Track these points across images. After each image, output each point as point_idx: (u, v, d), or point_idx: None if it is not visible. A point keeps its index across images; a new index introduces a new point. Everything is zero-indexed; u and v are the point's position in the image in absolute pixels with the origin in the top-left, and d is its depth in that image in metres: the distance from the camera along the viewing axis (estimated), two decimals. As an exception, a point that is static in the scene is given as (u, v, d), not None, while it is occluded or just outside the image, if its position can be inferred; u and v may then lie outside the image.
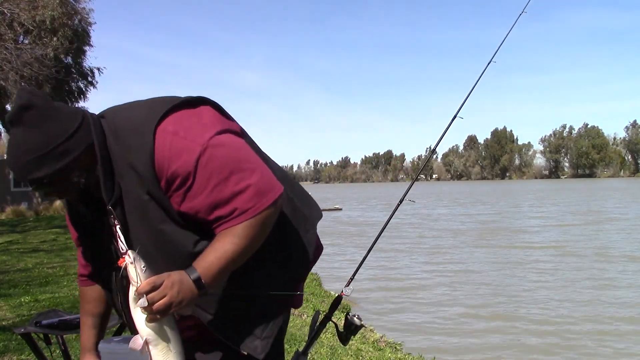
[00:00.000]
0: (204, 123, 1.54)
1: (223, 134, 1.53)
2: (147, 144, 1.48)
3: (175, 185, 1.48)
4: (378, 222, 22.96)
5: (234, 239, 1.49)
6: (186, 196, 1.49)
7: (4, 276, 8.92)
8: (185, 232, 1.54)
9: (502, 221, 25.69)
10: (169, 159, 1.47)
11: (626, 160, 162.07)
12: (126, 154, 1.50)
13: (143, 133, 1.49)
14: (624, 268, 12.38)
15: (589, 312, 8.73)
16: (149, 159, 1.47)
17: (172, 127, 1.50)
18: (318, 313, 2.04)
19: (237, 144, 1.56)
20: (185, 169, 1.47)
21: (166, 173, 1.48)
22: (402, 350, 6.14)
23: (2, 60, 17.19)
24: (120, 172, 1.52)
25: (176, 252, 1.53)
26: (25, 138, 1.45)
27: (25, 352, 4.56)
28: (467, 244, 17.34)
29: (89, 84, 27.26)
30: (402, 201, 2.47)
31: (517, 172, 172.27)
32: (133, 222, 1.54)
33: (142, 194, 1.51)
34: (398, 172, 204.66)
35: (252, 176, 1.50)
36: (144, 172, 1.48)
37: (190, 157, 1.47)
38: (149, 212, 1.52)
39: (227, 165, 1.49)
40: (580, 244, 16.61)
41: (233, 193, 1.48)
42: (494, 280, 11.49)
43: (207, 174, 1.47)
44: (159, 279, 1.40)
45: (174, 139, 1.49)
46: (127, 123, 1.54)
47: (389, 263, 13.72)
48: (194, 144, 1.48)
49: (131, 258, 1.39)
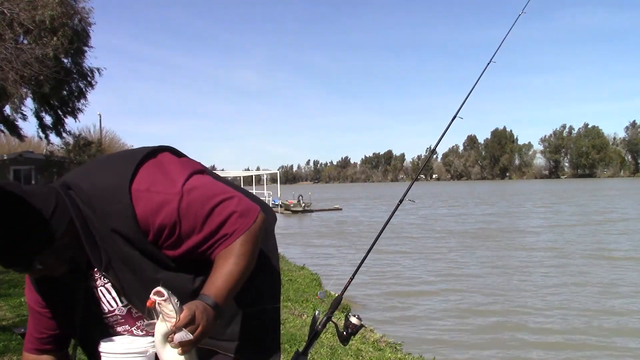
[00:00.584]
0: (170, 173, 1.61)
1: (191, 177, 1.62)
2: (127, 208, 1.53)
3: (164, 235, 1.56)
4: (378, 223, 22.97)
5: (233, 259, 1.56)
6: (177, 244, 1.57)
7: (4, 276, 8.93)
8: (180, 275, 1.61)
9: (504, 222, 25.70)
10: (151, 215, 1.53)
11: (626, 160, 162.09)
12: (107, 220, 1.54)
13: (118, 198, 1.54)
14: (627, 271, 12.38)
15: (593, 320, 8.73)
16: (132, 221, 1.53)
17: (145, 185, 1.56)
18: (318, 313, 2.04)
19: (206, 182, 1.65)
20: (170, 219, 1.54)
21: (152, 227, 1.54)
22: (402, 350, 6.14)
23: (2, 60, 17.19)
24: (103, 237, 1.56)
25: (177, 294, 1.55)
26: (7, 236, 1.41)
27: (25, 352, 4.56)
28: (468, 245, 17.34)
29: (89, 85, 27.27)
30: (402, 201, 2.47)
31: (517, 172, 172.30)
32: (127, 280, 1.60)
33: (132, 252, 1.56)
34: (398, 172, 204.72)
35: (230, 204, 1.60)
36: (129, 233, 1.54)
37: (170, 208, 1.54)
38: (141, 267, 1.58)
39: (206, 203, 1.57)
40: (582, 245, 16.61)
41: (220, 223, 1.57)
42: (494, 281, 11.50)
43: (191, 217, 1.55)
44: (191, 310, 1.42)
45: (150, 196, 1.55)
46: (97, 191, 1.56)
47: (389, 263, 13.73)
48: (169, 195, 1.55)
49: (165, 295, 1.39)
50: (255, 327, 1.77)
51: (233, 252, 1.57)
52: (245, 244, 1.58)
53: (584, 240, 17.49)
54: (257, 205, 1.67)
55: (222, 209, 1.58)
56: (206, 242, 1.58)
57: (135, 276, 1.59)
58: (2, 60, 17.15)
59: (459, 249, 16.45)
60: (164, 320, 1.39)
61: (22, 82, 18.30)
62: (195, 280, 1.62)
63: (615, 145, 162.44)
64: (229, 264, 1.56)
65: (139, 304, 1.61)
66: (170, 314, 1.38)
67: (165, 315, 1.39)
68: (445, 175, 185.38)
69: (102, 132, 45.55)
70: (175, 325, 1.38)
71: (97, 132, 44.09)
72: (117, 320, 1.68)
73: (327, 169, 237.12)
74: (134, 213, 1.52)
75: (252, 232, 1.60)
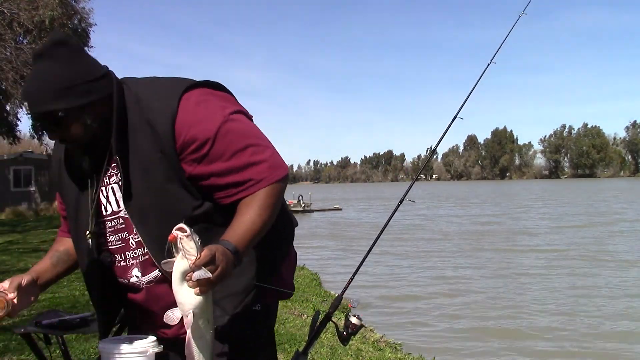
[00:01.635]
0: (222, 101, 1.64)
1: (239, 113, 1.65)
2: (170, 107, 1.55)
3: (191, 149, 1.55)
4: (379, 223, 22.96)
5: (257, 209, 1.55)
6: (202, 160, 1.55)
7: (4, 276, 8.89)
8: (187, 195, 1.58)
9: (505, 223, 25.69)
10: (189, 124, 1.54)
11: (626, 160, 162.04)
12: (146, 113, 1.57)
13: (167, 98, 1.57)
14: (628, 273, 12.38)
15: (598, 324, 8.72)
16: (169, 121, 1.54)
17: (196, 98, 1.59)
18: (318, 313, 2.04)
19: (252, 125, 1.68)
20: (204, 135, 1.54)
21: (184, 136, 1.54)
22: (402, 350, 6.14)
23: (2, 60, 17.18)
24: (135, 127, 1.57)
25: (173, 213, 1.55)
26: (52, 70, 1.50)
27: (25, 352, 4.56)
28: (469, 246, 17.34)
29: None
30: (402, 201, 2.47)
31: (517, 172, 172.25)
32: (135, 178, 1.58)
33: (155, 151, 1.56)
34: (398, 172, 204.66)
35: (265, 152, 1.60)
36: (162, 131, 1.54)
37: (211, 125, 1.55)
38: (156, 170, 1.56)
39: (244, 138, 1.59)
40: (586, 247, 16.60)
41: (248, 163, 1.57)
42: (495, 282, 11.50)
43: (225, 143, 1.56)
44: (212, 250, 1.38)
45: (197, 108, 1.57)
46: (150, 90, 1.62)
47: (389, 264, 13.72)
48: (215, 115, 1.58)
49: (188, 231, 1.36)
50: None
51: (257, 202, 1.56)
52: (270, 197, 1.57)
53: (588, 242, 17.48)
54: (287, 166, 1.66)
55: (256, 151, 1.58)
56: (227, 174, 1.56)
57: (145, 177, 1.57)
58: (2, 60, 17.14)
59: (460, 250, 16.45)
60: (184, 258, 1.36)
61: (22, 82, 18.28)
62: (196, 209, 1.59)
63: (616, 145, 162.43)
64: (252, 213, 1.54)
65: (137, 208, 1.60)
66: (190, 251, 1.35)
67: (186, 252, 1.36)
68: (445, 176, 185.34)
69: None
70: (195, 263, 1.34)
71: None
72: (118, 225, 1.66)
73: (327, 169, 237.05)
74: (174, 115, 1.54)
75: (278, 188, 1.59)
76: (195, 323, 1.42)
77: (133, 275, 1.67)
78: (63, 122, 1.52)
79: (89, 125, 1.54)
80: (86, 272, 1.74)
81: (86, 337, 4.96)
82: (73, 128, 1.53)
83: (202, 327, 1.44)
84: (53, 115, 1.50)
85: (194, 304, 1.40)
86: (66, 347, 2.96)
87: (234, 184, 1.57)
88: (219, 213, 1.62)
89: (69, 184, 1.72)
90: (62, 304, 6.62)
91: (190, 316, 1.40)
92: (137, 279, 1.67)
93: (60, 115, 1.50)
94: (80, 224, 1.71)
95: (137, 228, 1.61)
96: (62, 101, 1.49)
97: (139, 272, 1.66)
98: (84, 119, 1.53)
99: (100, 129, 1.56)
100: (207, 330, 1.46)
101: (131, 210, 1.61)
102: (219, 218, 1.61)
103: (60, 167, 1.75)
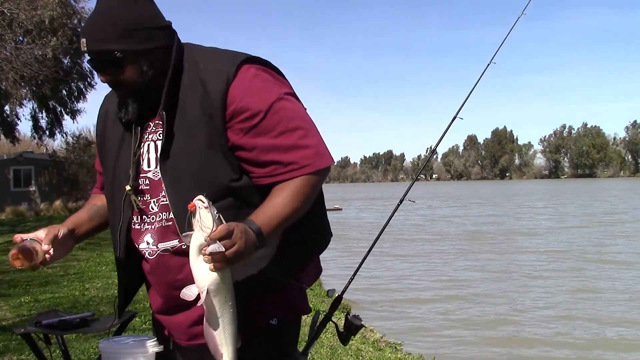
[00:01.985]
0: (279, 81, 1.61)
1: (293, 96, 1.61)
2: (228, 73, 1.52)
3: (241, 117, 1.51)
4: (379, 223, 22.94)
5: (291, 194, 1.49)
6: (250, 131, 1.51)
7: (4, 276, 8.92)
8: (227, 165, 1.53)
9: (507, 224, 25.68)
10: (243, 93, 1.51)
11: (626, 160, 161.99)
12: (201, 73, 1.54)
13: (225, 63, 1.54)
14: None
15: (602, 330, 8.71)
16: (224, 85, 1.51)
17: (254, 71, 1.56)
18: (318, 313, 2.03)
19: (303, 109, 1.64)
20: (257, 107, 1.50)
21: (236, 104, 1.50)
22: (402, 350, 6.14)
23: (2, 60, 17.18)
24: (187, 86, 1.54)
25: (209, 180, 1.50)
26: (118, 9, 1.48)
27: (25, 352, 4.56)
28: (471, 247, 17.34)
29: (89, 85, 27.28)
30: (402, 201, 2.47)
31: (517, 172, 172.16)
32: (177, 138, 1.53)
33: (202, 113, 1.51)
34: (398, 172, 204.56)
35: (313, 138, 1.55)
36: (214, 93, 1.51)
37: (265, 98, 1.52)
38: (199, 133, 1.52)
39: (295, 120, 1.54)
40: (592, 248, 16.59)
41: (295, 145, 1.51)
42: (497, 283, 11.49)
43: (276, 119, 1.51)
44: (230, 226, 1.32)
45: (254, 80, 1.54)
46: (209, 54, 1.60)
47: (389, 264, 13.72)
48: (271, 91, 1.54)
49: (206, 202, 1.32)
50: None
51: (293, 187, 1.49)
52: (307, 186, 1.51)
53: (593, 243, 17.47)
54: (333, 158, 1.62)
55: (304, 134, 1.53)
56: (271, 151, 1.50)
57: (187, 138, 1.52)
58: (2, 60, 17.14)
59: (460, 250, 16.45)
60: (201, 230, 1.32)
61: (21, 83, 18.29)
62: (232, 181, 1.53)
63: (616, 145, 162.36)
64: (286, 197, 1.48)
65: (172, 169, 1.54)
66: (207, 223, 1.31)
67: (203, 225, 1.32)
68: (445, 176, 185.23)
69: (102, 132, 45.53)
70: (210, 236, 1.29)
71: (97, 132, 44.09)
72: (143, 185, 1.60)
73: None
74: (230, 81, 1.51)
75: (317, 179, 1.53)
76: (210, 300, 1.36)
77: (144, 241, 1.60)
78: (119, 64, 1.49)
79: (144, 72, 1.52)
80: (114, 228, 1.67)
81: (86, 337, 4.96)
82: (128, 72, 1.51)
83: (218, 306, 1.38)
84: (111, 55, 1.48)
85: (209, 280, 1.34)
86: (66, 347, 2.96)
87: (277, 163, 1.51)
88: (255, 193, 1.55)
89: (111, 137, 1.69)
90: (62, 304, 6.62)
91: (204, 293, 1.34)
92: (147, 245, 1.60)
93: (118, 57, 1.48)
94: (117, 178, 1.65)
95: (167, 190, 1.55)
96: (123, 42, 1.47)
97: (152, 238, 1.59)
98: (141, 64, 1.51)
99: (153, 80, 1.53)
100: (226, 310, 1.39)
101: (165, 171, 1.55)
102: (254, 198, 1.55)
103: (105, 119, 1.72)
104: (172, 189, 1.54)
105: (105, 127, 1.72)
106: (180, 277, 1.54)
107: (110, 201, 1.70)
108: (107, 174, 1.71)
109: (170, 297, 1.59)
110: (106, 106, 1.74)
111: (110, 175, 1.69)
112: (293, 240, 1.60)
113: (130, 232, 1.63)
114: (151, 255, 1.60)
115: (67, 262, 10.48)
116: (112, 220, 1.70)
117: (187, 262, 1.39)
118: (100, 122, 1.75)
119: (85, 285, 8.08)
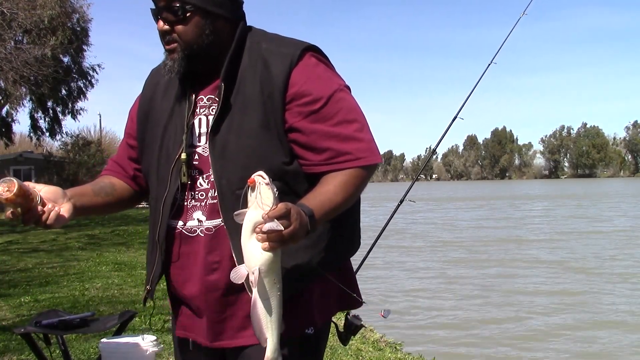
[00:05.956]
0: (339, 76, 1.62)
1: (350, 92, 1.61)
2: (292, 56, 1.51)
3: (302, 101, 1.50)
4: (379, 223, 22.92)
5: (342, 184, 1.48)
6: (309, 115, 1.50)
7: (4, 276, 8.92)
8: (279, 147, 1.51)
9: (507, 223, 25.67)
10: (307, 77, 1.51)
11: (626, 160, 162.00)
12: (264, 54, 1.53)
13: (290, 47, 1.54)
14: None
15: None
16: (287, 66, 1.50)
17: (318, 60, 1.57)
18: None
19: (359, 106, 1.63)
20: (319, 92, 1.51)
21: (299, 87, 1.50)
22: (402, 350, 6.13)
23: (2, 60, 17.17)
24: (248, 63, 1.53)
25: (259, 160, 1.46)
26: None
27: (25, 352, 4.55)
28: (470, 247, 17.33)
29: (89, 84, 27.27)
30: (403, 201, 2.47)
31: (517, 172, 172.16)
32: (232, 114, 1.51)
33: (261, 92, 1.50)
34: (398, 172, 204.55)
35: (368, 133, 1.56)
36: (276, 73, 1.50)
37: (327, 86, 1.53)
38: (255, 111, 1.50)
39: (354, 112, 1.55)
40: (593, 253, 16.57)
41: (352, 136, 1.51)
42: (498, 284, 11.48)
43: (337, 108, 1.52)
44: (289, 206, 1.28)
45: (317, 67, 1.55)
46: (274, 38, 1.60)
47: (389, 264, 13.71)
48: (332, 80, 1.56)
49: (267, 179, 1.29)
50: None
51: (344, 177, 1.49)
52: (358, 179, 1.51)
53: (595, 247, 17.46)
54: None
55: (361, 128, 1.54)
56: (329, 138, 1.49)
57: (242, 116, 1.50)
58: (2, 60, 17.14)
59: (461, 251, 16.44)
60: (258, 208, 1.28)
61: (21, 82, 18.29)
62: (282, 165, 1.50)
63: (615, 145, 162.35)
64: (338, 185, 1.47)
65: (221, 146, 1.50)
66: (266, 200, 1.27)
67: (262, 202, 1.28)
68: (445, 176, 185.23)
69: (102, 132, 45.60)
70: (269, 214, 1.25)
71: (97, 132, 44.13)
72: (193, 159, 1.56)
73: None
74: (294, 64, 1.50)
75: (367, 174, 1.54)
76: (260, 281, 1.32)
77: (194, 218, 1.55)
78: (185, 15, 1.48)
79: (205, 34, 1.50)
80: (157, 200, 1.60)
81: (86, 337, 4.96)
82: (190, 26, 1.49)
83: (268, 287, 1.34)
84: (180, 3, 1.46)
85: (261, 260, 1.30)
86: (66, 347, 2.96)
87: (333, 151, 1.50)
88: (302, 181, 1.53)
89: (160, 107, 1.64)
90: (62, 304, 6.62)
91: (257, 273, 1.31)
92: (197, 222, 1.54)
93: (189, 8, 1.46)
94: (165, 147, 1.60)
95: (214, 167, 1.51)
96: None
97: (204, 215, 1.54)
98: (205, 26, 1.50)
99: (208, 47, 1.51)
100: (274, 293, 1.36)
101: (214, 146, 1.51)
102: (300, 186, 1.52)
103: (155, 89, 1.68)
104: (219, 165, 1.50)
105: (154, 96, 1.67)
106: (217, 260, 1.52)
107: (154, 173, 1.63)
108: (152, 144, 1.64)
109: (203, 281, 1.54)
110: (157, 77, 1.68)
111: (156, 144, 1.63)
112: (342, 233, 1.61)
113: (172, 208, 1.57)
114: (196, 233, 1.55)
115: (67, 262, 10.48)
116: (154, 193, 1.64)
117: (223, 243, 1.44)
118: (147, 90, 1.70)
119: (85, 285, 8.08)
